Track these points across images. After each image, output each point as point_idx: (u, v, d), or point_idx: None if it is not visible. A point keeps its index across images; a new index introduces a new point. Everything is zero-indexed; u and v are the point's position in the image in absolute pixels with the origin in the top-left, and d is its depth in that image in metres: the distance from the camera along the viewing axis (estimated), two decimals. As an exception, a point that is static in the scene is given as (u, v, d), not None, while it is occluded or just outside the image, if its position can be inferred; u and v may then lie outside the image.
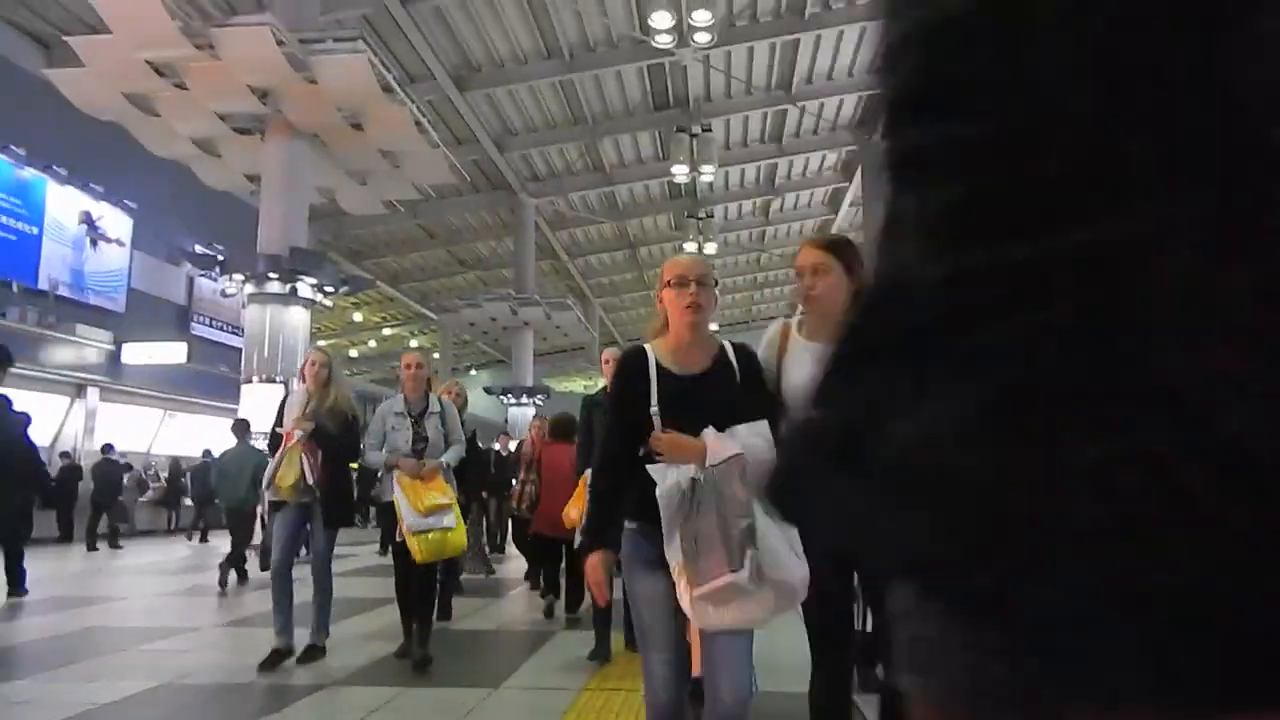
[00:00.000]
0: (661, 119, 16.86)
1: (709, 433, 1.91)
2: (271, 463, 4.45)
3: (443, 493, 4.36)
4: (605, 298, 28.99)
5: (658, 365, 2.07)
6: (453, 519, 4.35)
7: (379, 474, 4.72)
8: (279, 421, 4.59)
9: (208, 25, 8.50)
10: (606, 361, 4.41)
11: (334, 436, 4.44)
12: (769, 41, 14.51)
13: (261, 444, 6.93)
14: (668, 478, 1.90)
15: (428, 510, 4.27)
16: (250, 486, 7.31)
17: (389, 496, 4.38)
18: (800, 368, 2.14)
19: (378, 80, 9.13)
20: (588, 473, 4.40)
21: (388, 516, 4.77)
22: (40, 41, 12.99)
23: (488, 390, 22.86)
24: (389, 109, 9.64)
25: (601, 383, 4.82)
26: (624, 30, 13.65)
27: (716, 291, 2.32)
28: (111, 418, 15.04)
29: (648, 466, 1.92)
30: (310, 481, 4.33)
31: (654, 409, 2.00)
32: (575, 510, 4.58)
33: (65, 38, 8.79)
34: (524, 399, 20.74)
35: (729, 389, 2.07)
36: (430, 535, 4.28)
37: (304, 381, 4.63)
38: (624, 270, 26.80)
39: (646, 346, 2.14)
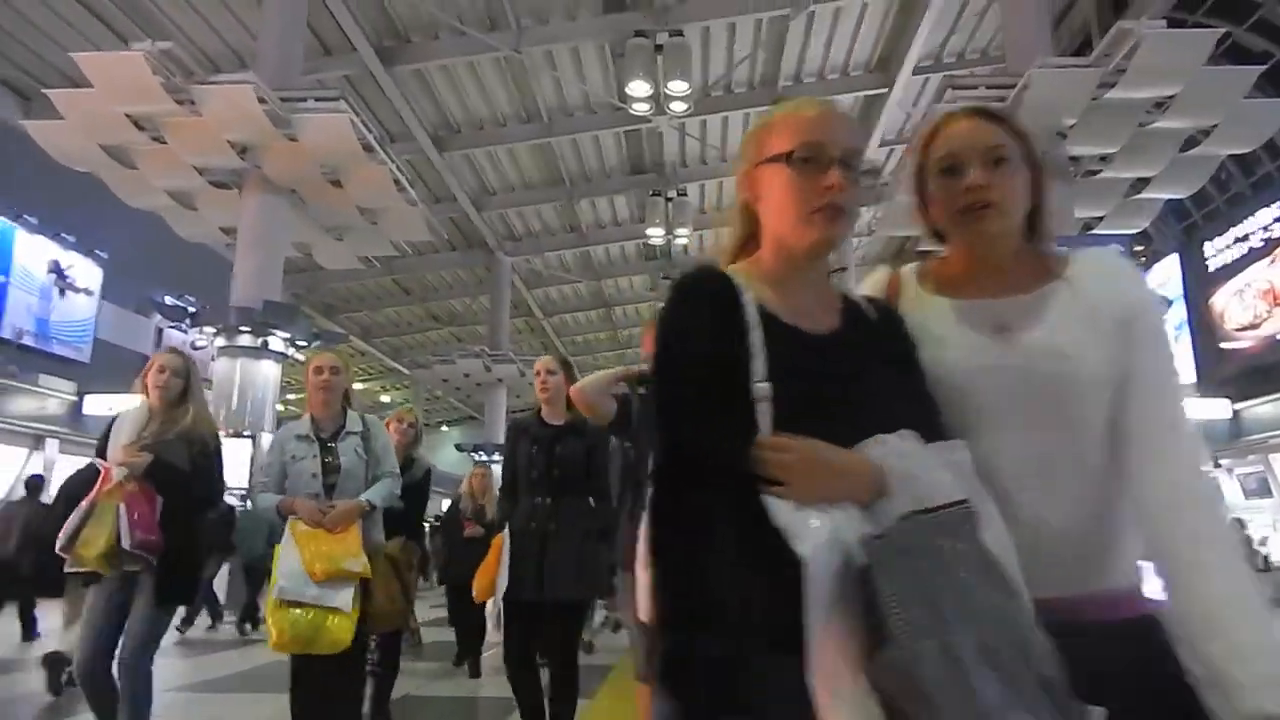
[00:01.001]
0: (637, 183, 17.19)
1: (890, 445, 0.92)
2: (72, 517, 3.00)
3: (354, 554, 3.05)
4: (580, 356, 29.00)
5: (762, 311, 1.01)
6: (348, 600, 3.00)
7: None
8: (101, 450, 3.24)
9: (190, 82, 8.58)
10: (539, 373, 3.53)
11: (182, 475, 3.11)
12: (743, 112, 14.94)
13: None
14: (812, 528, 0.84)
15: (326, 574, 2.97)
16: (266, 543, 7.37)
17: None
18: (941, 343, 1.11)
19: (358, 139, 9.25)
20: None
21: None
22: (19, 93, 13.03)
23: (459, 447, 22.64)
24: (369, 167, 9.74)
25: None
26: (602, 97, 13.99)
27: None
28: (70, 470, 14.64)
29: (766, 501, 0.88)
30: (127, 545, 2.91)
31: (760, 385, 0.95)
32: (486, 577, 3.50)
33: (45, 90, 8.82)
34: (496, 456, 20.52)
35: (883, 372, 1.03)
36: (304, 613, 2.93)
37: (145, 395, 3.26)
38: (598, 329, 26.93)
39: (732, 273, 1.06)
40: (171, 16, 11.53)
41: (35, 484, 7.95)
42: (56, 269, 14.23)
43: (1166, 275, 17.43)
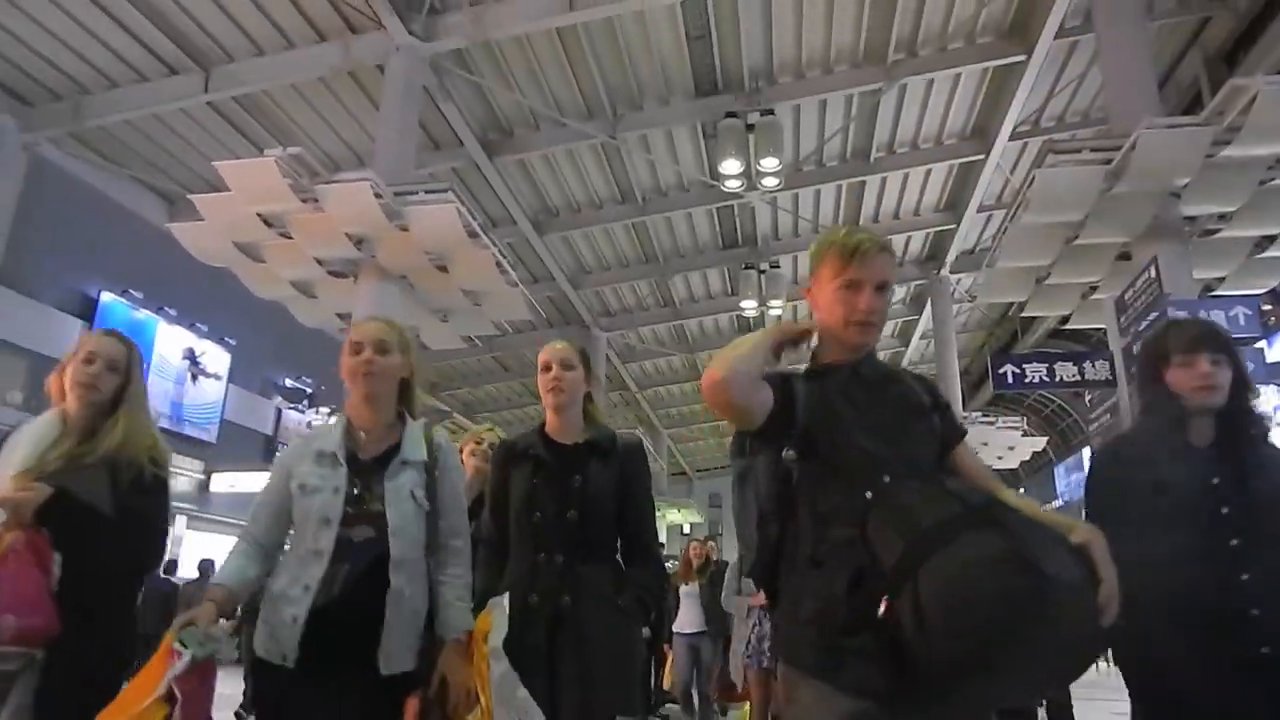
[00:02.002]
0: (730, 257, 17.37)
1: None
2: None
3: None
4: (674, 428, 29.02)
5: None
6: None
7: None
8: None
9: (314, 182, 9.26)
10: (548, 367, 2.51)
11: (102, 520, 2.01)
12: (835, 184, 15.01)
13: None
14: None
15: None
16: None
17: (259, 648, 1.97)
18: None
19: (464, 227, 9.72)
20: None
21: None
22: (164, 197, 14.34)
23: (556, 521, 22.81)
24: (473, 252, 10.19)
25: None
26: (694, 176, 14.33)
27: None
28: (197, 545, 15.50)
29: None
30: None
31: None
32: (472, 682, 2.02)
33: (190, 196, 9.69)
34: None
35: None
36: None
37: (60, 397, 2.18)
38: (692, 401, 26.90)
39: None
40: (299, 123, 12.57)
41: (205, 568, 8.16)
42: (191, 356, 15.35)
43: (1302, 335, 16.23)
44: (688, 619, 7.05)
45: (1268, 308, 16.51)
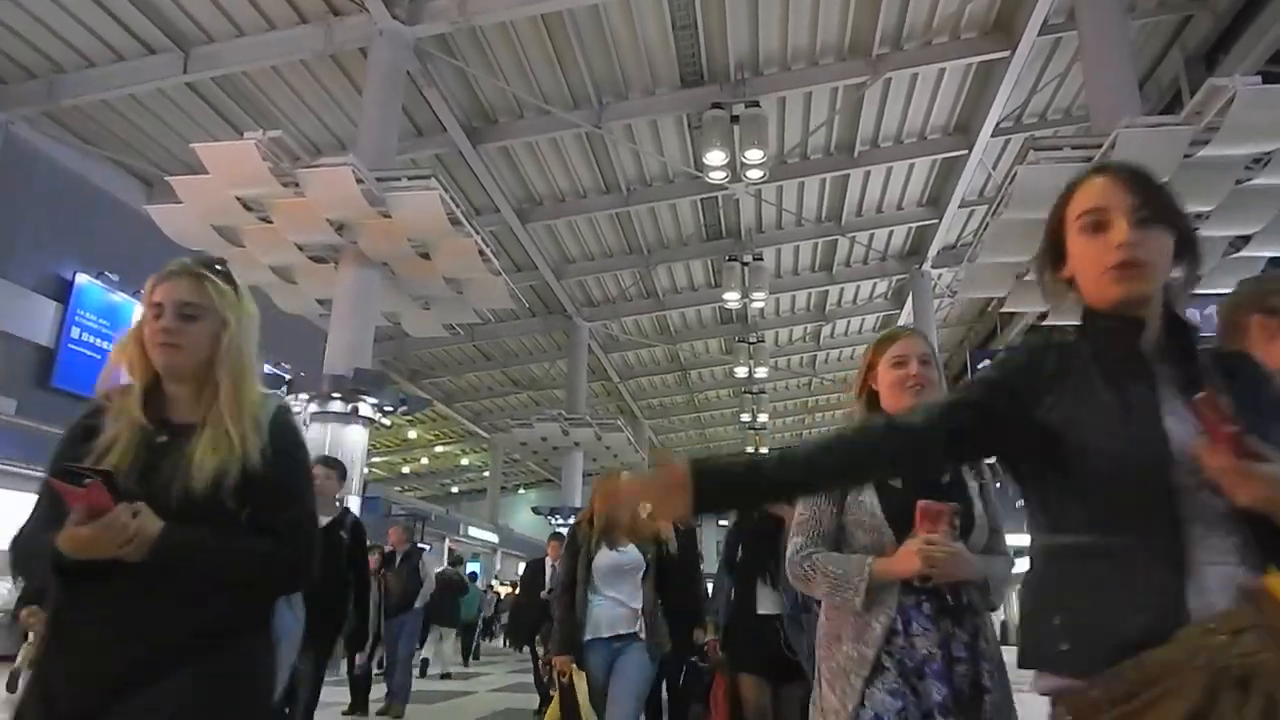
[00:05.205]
0: (714, 248, 17.38)
1: None
2: None
3: None
4: (655, 419, 29.08)
5: None
6: None
7: None
8: None
9: (295, 166, 9.16)
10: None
11: None
12: (819, 177, 15.04)
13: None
14: None
15: None
16: None
17: None
18: None
19: (447, 214, 9.66)
20: None
21: None
22: (142, 179, 14.13)
23: (536, 510, 22.84)
24: (456, 240, 10.13)
25: None
26: (679, 167, 14.31)
27: (766, 416, 1.42)
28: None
29: None
30: None
31: None
32: None
33: (167, 178, 9.55)
34: (572, 519, 20.56)
35: None
36: None
37: None
38: (674, 392, 26.99)
39: None
40: (280, 106, 12.42)
41: None
42: (168, 340, 15.16)
43: (1275, 334, 16.53)
44: (609, 614, 3.89)
45: (1241, 306, 16.77)
